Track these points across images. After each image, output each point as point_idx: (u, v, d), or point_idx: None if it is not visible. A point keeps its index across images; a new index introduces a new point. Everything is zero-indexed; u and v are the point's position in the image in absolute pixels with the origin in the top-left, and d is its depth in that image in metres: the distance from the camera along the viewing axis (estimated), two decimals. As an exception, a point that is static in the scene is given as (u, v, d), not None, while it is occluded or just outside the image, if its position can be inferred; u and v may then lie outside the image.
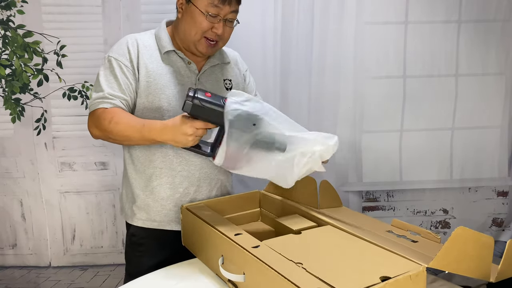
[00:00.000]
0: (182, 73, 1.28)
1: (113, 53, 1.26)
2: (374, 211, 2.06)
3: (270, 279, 0.82)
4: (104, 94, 1.20)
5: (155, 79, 1.25)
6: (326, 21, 1.91)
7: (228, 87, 1.36)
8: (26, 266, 2.06)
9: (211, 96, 1.01)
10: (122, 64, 1.24)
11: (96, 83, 1.24)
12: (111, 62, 1.25)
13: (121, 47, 1.26)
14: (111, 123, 1.16)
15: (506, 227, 2.07)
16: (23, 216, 2.02)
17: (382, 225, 1.10)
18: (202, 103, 1.00)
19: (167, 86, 1.25)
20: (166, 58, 1.28)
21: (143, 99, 1.24)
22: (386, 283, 0.75)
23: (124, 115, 1.18)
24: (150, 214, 1.29)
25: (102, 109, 1.18)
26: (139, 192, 1.30)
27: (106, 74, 1.24)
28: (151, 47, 1.28)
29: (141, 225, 1.30)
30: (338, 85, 1.95)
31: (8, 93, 1.92)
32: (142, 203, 1.29)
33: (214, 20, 1.21)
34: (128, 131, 1.15)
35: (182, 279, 1.08)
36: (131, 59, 1.25)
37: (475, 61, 1.96)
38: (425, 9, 1.91)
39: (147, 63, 1.25)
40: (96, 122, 1.19)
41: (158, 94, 1.24)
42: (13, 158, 1.97)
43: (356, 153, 2.01)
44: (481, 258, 0.84)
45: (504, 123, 2.01)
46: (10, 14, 1.87)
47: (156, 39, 1.30)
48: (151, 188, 1.28)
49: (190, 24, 1.22)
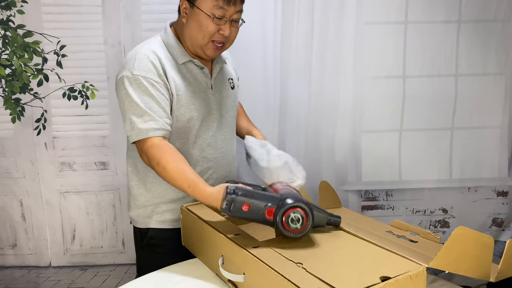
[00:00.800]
0: (199, 79, 1.29)
1: (138, 71, 1.19)
2: (373, 210, 2.06)
3: (270, 279, 0.82)
4: (150, 117, 1.16)
5: (184, 91, 1.24)
6: (326, 21, 1.91)
7: (232, 86, 1.39)
8: (26, 266, 2.06)
9: (249, 209, 0.95)
10: (152, 81, 1.19)
11: (132, 106, 1.18)
12: (140, 81, 1.18)
13: (144, 63, 1.20)
14: (159, 167, 1.14)
15: (506, 227, 2.07)
16: (23, 216, 2.02)
17: (381, 225, 1.11)
18: (240, 214, 0.96)
19: (194, 96, 1.26)
20: (183, 67, 1.27)
21: (175, 112, 1.23)
22: (386, 283, 0.75)
23: (171, 161, 1.14)
24: (168, 215, 1.32)
25: (151, 144, 1.16)
26: (156, 198, 1.31)
27: (140, 94, 1.18)
28: (168, 59, 1.25)
29: (159, 227, 1.32)
30: (338, 85, 1.95)
31: (8, 93, 1.92)
32: (161, 209, 1.31)
33: (220, 22, 1.20)
34: (172, 182, 1.14)
35: (182, 279, 1.08)
36: (159, 74, 1.21)
37: (475, 61, 1.96)
38: (425, 9, 1.91)
39: (173, 76, 1.23)
40: (146, 154, 1.18)
41: (189, 105, 1.25)
42: (13, 158, 1.97)
43: (356, 153, 2.01)
44: (481, 258, 0.84)
45: (504, 123, 2.01)
46: (10, 14, 1.86)
47: (168, 48, 1.27)
48: (171, 195, 1.30)
49: (197, 29, 1.20)
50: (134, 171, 1.33)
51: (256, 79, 1.91)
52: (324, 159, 1.99)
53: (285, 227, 0.92)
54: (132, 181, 1.34)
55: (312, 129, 1.98)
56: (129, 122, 1.19)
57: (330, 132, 1.98)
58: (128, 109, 1.19)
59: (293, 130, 1.97)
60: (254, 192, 0.97)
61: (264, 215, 0.93)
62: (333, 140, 1.98)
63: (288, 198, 0.94)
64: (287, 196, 0.95)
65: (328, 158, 1.99)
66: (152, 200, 1.32)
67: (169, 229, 1.32)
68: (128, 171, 1.36)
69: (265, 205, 0.94)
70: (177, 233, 1.29)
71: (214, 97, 1.32)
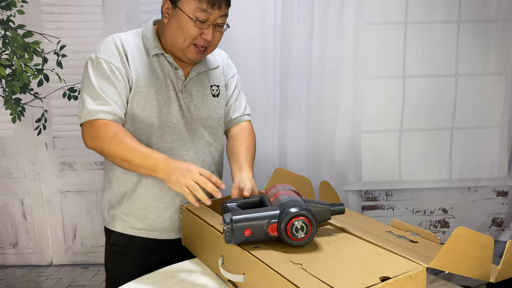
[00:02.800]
0: (171, 77, 1.22)
1: (102, 53, 1.16)
2: (373, 210, 2.06)
3: (270, 279, 0.83)
4: (103, 101, 1.12)
5: (147, 83, 1.18)
6: (326, 21, 1.91)
7: (215, 93, 1.30)
8: (27, 265, 2.06)
9: (251, 233, 0.92)
10: (113, 66, 1.15)
11: (89, 87, 1.14)
12: (101, 64, 1.14)
13: (109, 47, 1.16)
14: (114, 140, 1.09)
15: (506, 227, 2.07)
16: (24, 215, 2.03)
17: (381, 225, 1.11)
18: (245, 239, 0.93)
19: (157, 92, 1.19)
20: (155, 60, 1.21)
21: (134, 104, 1.17)
22: (386, 283, 0.75)
23: (127, 136, 1.11)
24: (132, 221, 1.25)
25: (103, 122, 1.11)
26: (122, 197, 1.24)
27: (98, 77, 1.14)
28: (138, 48, 1.20)
29: (121, 231, 1.25)
30: (338, 85, 1.96)
31: (8, 93, 1.92)
32: (125, 209, 1.25)
33: (203, 26, 1.14)
34: (130, 153, 1.09)
35: (182, 279, 1.09)
36: (122, 61, 1.16)
37: (475, 61, 1.96)
38: (425, 9, 1.91)
39: (136, 66, 1.18)
40: (94, 135, 1.11)
41: (150, 101, 1.18)
42: (13, 158, 1.98)
43: (356, 153, 2.01)
44: (481, 259, 0.84)
45: (504, 123, 2.01)
46: (10, 14, 1.87)
47: (143, 40, 1.22)
48: (136, 196, 1.23)
49: (178, 31, 1.15)
50: (105, 167, 1.29)
51: (256, 79, 1.91)
52: (324, 159, 1.99)
53: (290, 237, 0.91)
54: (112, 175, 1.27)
55: (312, 129, 1.98)
56: (81, 102, 1.15)
57: (330, 132, 1.98)
58: (84, 90, 1.15)
59: (293, 130, 1.97)
60: (251, 214, 0.94)
61: (268, 234, 0.92)
62: (333, 140, 1.98)
63: (289, 207, 0.92)
64: (287, 205, 0.94)
65: (328, 158, 1.99)
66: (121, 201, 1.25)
67: (133, 236, 1.25)
68: (106, 163, 1.30)
69: (267, 222, 0.92)
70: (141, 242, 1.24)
71: (183, 101, 1.24)
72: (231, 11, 1.21)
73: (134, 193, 1.23)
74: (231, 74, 1.39)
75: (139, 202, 1.24)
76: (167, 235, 1.27)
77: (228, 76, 1.38)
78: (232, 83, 1.39)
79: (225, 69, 1.37)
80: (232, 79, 1.39)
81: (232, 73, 1.39)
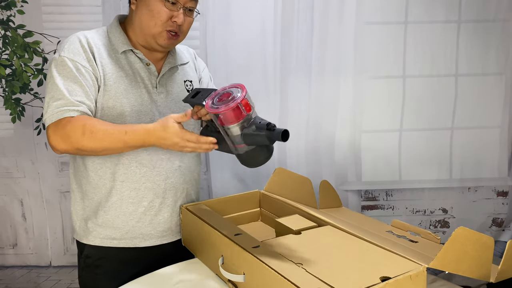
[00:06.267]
0: (142, 74, 1.18)
1: (67, 52, 1.10)
2: (373, 210, 2.06)
3: (270, 279, 0.83)
4: (68, 101, 1.05)
5: (115, 82, 1.13)
6: (326, 21, 1.91)
7: (189, 88, 1.27)
8: (27, 265, 2.06)
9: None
10: (79, 64, 1.09)
11: (53, 88, 1.07)
12: (65, 63, 1.09)
13: (74, 45, 1.11)
14: (85, 134, 1.02)
15: (506, 227, 2.07)
16: (24, 215, 2.02)
17: (382, 225, 1.11)
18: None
19: (128, 89, 1.14)
20: (123, 58, 1.17)
21: (103, 104, 1.12)
22: (386, 283, 0.75)
23: (97, 123, 1.05)
24: (109, 231, 1.18)
25: (68, 119, 1.04)
26: (96, 207, 1.17)
27: (63, 77, 1.08)
28: (105, 46, 1.16)
29: (98, 244, 1.18)
30: (338, 85, 1.96)
31: (8, 93, 1.92)
32: (101, 220, 1.17)
33: (174, 8, 1.11)
34: (107, 140, 1.03)
35: (182, 279, 1.09)
36: (89, 59, 1.11)
37: (475, 61, 1.96)
38: (425, 9, 1.91)
39: (103, 64, 1.13)
40: (63, 135, 1.04)
41: (120, 99, 1.13)
42: (13, 158, 1.97)
43: (356, 153, 2.01)
44: (481, 258, 0.84)
45: (504, 123, 2.01)
46: (10, 14, 1.87)
47: (109, 37, 1.18)
48: (111, 203, 1.17)
49: (148, 15, 1.11)
50: (82, 171, 1.19)
51: (256, 79, 1.91)
52: (324, 159, 1.99)
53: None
54: (83, 182, 1.19)
55: (312, 129, 1.98)
56: (46, 105, 1.08)
57: (330, 132, 1.98)
58: (49, 91, 1.09)
59: (293, 130, 1.96)
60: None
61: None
62: (333, 140, 1.98)
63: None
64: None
65: (328, 158, 1.99)
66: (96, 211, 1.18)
67: (110, 248, 1.19)
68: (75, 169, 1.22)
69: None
70: (119, 253, 1.19)
71: (158, 97, 1.19)
72: (231, 11, 1.21)
73: (109, 200, 1.17)
74: (202, 68, 1.37)
75: (116, 209, 1.17)
76: (148, 242, 1.21)
77: (200, 70, 1.35)
78: (206, 76, 1.37)
79: (195, 63, 1.35)
80: (204, 72, 1.37)
81: (202, 67, 1.37)
